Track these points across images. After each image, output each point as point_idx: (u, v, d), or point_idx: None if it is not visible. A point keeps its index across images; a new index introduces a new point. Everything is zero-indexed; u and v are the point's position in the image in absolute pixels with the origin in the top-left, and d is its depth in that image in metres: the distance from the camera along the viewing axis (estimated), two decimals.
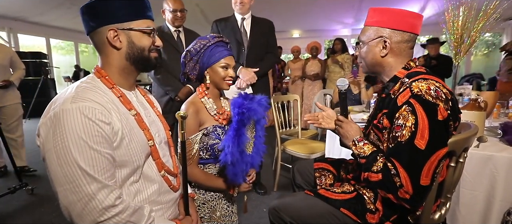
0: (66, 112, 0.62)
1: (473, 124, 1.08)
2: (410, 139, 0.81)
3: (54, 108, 0.64)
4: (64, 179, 0.62)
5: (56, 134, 0.62)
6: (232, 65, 1.11)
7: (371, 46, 0.97)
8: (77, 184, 0.61)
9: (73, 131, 0.62)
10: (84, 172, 0.62)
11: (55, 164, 0.62)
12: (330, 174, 1.25)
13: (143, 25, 0.75)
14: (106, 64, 0.76)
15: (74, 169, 0.61)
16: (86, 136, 0.62)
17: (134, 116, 0.76)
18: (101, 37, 0.73)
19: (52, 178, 0.64)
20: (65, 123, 0.62)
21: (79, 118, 0.62)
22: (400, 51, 0.96)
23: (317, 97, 3.18)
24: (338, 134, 1.11)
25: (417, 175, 0.80)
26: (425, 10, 6.18)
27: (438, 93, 0.82)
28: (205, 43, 1.08)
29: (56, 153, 0.62)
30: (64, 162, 0.61)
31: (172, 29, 1.95)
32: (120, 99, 0.75)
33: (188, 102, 1.11)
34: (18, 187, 2.22)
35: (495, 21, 1.91)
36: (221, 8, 6.25)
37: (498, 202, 1.21)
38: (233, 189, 1.14)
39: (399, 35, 0.94)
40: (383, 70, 1.00)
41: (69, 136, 0.61)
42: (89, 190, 0.62)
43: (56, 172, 0.62)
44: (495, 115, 1.92)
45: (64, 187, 0.62)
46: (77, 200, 0.62)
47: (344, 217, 0.97)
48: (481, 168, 1.24)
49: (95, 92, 0.70)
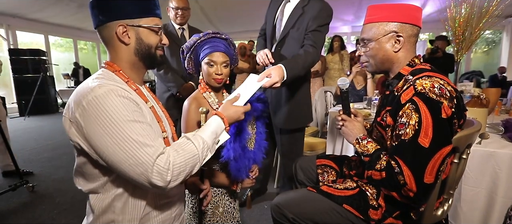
0: (101, 97, 0.64)
1: (476, 121, 1.08)
2: (413, 138, 0.81)
3: (84, 99, 0.64)
4: (125, 155, 0.63)
5: (101, 119, 0.63)
6: (220, 62, 1.06)
7: (382, 43, 0.94)
8: (138, 155, 0.63)
9: (116, 110, 0.64)
10: (140, 144, 0.64)
11: (112, 145, 0.63)
12: (332, 171, 1.25)
13: (152, 22, 0.76)
14: (116, 59, 0.77)
15: (131, 144, 0.63)
16: (128, 111, 0.65)
17: (150, 108, 0.78)
18: (110, 32, 0.73)
19: (113, 161, 0.64)
20: (105, 106, 0.63)
21: (115, 99, 0.65)
22: (411, 45, 0.95)
23: (318, 94, 3.17)
24: (341, 132, 1.10)
25: (421, 173, 0.80)
26: (426, 7, 6.16)
27: (442, 91, 0.81)
28: (196, 39, 1.08)
29: (110, 135, 0.63)
30: (119, 139, 0.63)
31: (176, 26, 1.99)
32: (136, 92, 0.76)
33: (191, 97, 1.11)
34: (18, 184, 2.22)
35: (497, 18, 1.91)
36: (220, 5, 6.26)
37: (500, 198, 1.21)
38: (237, 184, 1.14)
39: (409, 29, 0.93)
40: (392, 66, 0.98)
41: (115, 116, 0.63)
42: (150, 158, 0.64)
43: (116, 153, 0.64)
44: (496, 112, 1.92)
45: (128, 163, 0.64)
46: (143, 171, 0.64)
47: (347, 213, 0.97)
48: (483, 164, 1.24)
49: (115, 81, 0.72)
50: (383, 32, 0.94)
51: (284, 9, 1.54)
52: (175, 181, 0.66)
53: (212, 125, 0.78)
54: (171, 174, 0.65)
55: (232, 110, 0.85)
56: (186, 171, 0.68)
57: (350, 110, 1.10)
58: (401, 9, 0.93)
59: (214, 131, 0.77)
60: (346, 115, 1.09)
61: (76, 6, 6.08)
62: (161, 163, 0.64)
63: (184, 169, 0.67)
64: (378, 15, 0.95)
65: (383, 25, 0.94)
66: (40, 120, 5.83)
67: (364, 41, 0.99)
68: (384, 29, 0.93)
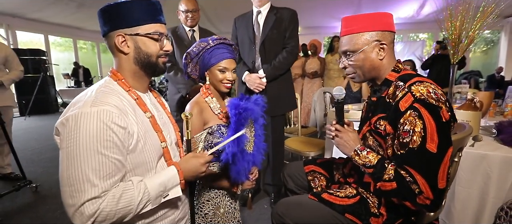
0: (84, 116, 0.65)
1: (468, 125, 1.12)
2: (421, 144, 0.81)
3: (73, 109, 0.67)
4: (67, 180, 0.64)
5: (70, 135, 0.64)
6: (231, 68, 1.11)
7: (367, 52, 0.94)
8: (75, 188, 0.63)
9: (86, 135, 0.64)
10: (86, 179, 0.63)
11: (64, 164, 0.65)
12: (321, 176, 1.25)
13: (151, 30, 0.75)
14: (119, 67, 0.78)
15: (78, 174, 0.63)
16: (97, 140, 0.64)
17: (149, 119, 0.78)
18: (111, 41, 0.75)
19: (60, 178, 0.66)
20: (81, 125, 0.64)
21: (95, 122, 0.64)
22: (392, 51, 0.97)
23: (317, 95, 3.21)
24: (335, 144, 1.05)
25: (435, 179, 0.80)
26: (425, 7, 6.19)
27: (438, 96, 0.83)
28: (204, 45, 1.10)
29: (66, 154, 0.64)
30: (71, 164, 0.64)
31: (187, 29, 2.01)
32: (136, 102, 0.77)
33: (192, 102, 1.14)
34: (22, 185, 2.25)
35: (493, 20, 1.92)
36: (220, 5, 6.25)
37: (491, 199, 1.25)
38: (237, 187, 1.17)
39: (389, 36, 0.95)
40: (379, 73, 0.98)
41: (81, 139, 0.63)
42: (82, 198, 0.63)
43: (62, 172, 0.65)
44: (491, 114, 1.96)
45: (64, 189, 0.64)
46: (72, 204, 0.63)
47: (349, 221, 0.97)
48: (475, 166, 1.28)
49: (114, 96, 0.72)
50: (367, 42, 0.94)
51: (258, 19, 1.87)
52: None
53: (163, 176, 0.74)
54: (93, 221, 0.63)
55: (192, 163, 0.80)
56: (113, 219, 0.66)
57: (344, 121, 1.06)
58: (378, 18, 0.94)
59: (163, 183, 0.73)
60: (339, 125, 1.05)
61: (76, 5, 6.08)
62: (90, 208, 0.63)
63: (112, 217, 0.66)
64: (357, 25, 0.94)
65: (365, 35, 0.94)
66: (40, 120, 5.86)
67: (348, 53, 0.98)
68: (367, 39, 0.94)
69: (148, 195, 0.70)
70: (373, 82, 1.03)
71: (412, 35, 8.96)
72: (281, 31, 1.82)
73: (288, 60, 1.84)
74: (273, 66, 1.81)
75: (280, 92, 1.91)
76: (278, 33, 1.82)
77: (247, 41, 1.88)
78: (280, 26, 1.81)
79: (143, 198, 0.69)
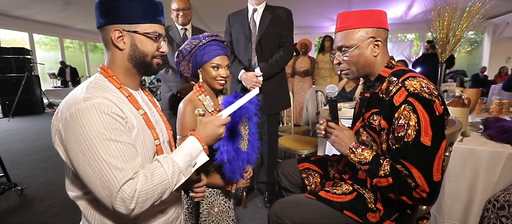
0: (82, 111, 0.63)
1: (458, 120, 1.15)
2: (416, 138, 0.81)
3: (68, 110, 0.65)
4: (93, 176, 0.63)
5: (77, 134, 0.63)
6: (224, 64, 1.10)
7: (362, 48, 0.95)
8: (106, 178, 0.62)
9: (93, 128, 0.63)
10: (110, 166, 0.63)
11: (82, 163, 0.63)
12: (315, 174, 1.25)
13: (150, 29, 0.74)
14: (112, 63, 0.76)
15: (101, 165, 0.62)
16: (106, 130, 0.63)
17: (142, 116, 0.77)
18: (107, 35, 0.72)
19: (84, 178, 0.64)
20: (84, 121, 0.63)
21: (96, 114, 0.64)
22: (385, 48, 0.98)
23: (309, 94, 3.23)
24: (330, 142, 1.05)
25: (430, 172, 0.81)
26: (412, 8, 6.33)
27: (431, 90, 0.84)
28: (196, 43, 1.09)
29: (82, 152, 0.63)
30: (91, 160, 0.63)
31: (179, 27, 2.00)
32: (128, 99, 0.75)
33: (185, 100, 1.13)
34: (6, 187, 2.17)
35: (479, 20, 1.99)
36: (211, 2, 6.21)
37: (480, 192, 1.29)
38: (231, 185, 1.17)
39: (383, 33, 0.96)
40: (372, 70, 0.99)
41: (90, 133, 0.62)
42: (117, 184, 0.62)
43: (85, 171, 0.63)
44: (477, 111, 2.02)
45: (94, 185, 0.63)
46: (109, 194, 0.63)
47: (347, 218, 0.97)
48: (464, 161, 1.31)
49: (105, 91, 0.70)
50: (362, 38, 0.94)
51: (254, 17, 1.87)
52: (140, 208, 0.65)
53: (186, 147, 0.74)
54: (136, 202, 0.63)
55: (209, 127, 0.78)
56: (154, 198, 0.66)
57: (338, 118, 1.06)
58: (373, 15, 0.95)
59: (188, 153, 0.73)
60: (334, 123, 1.04)
61: (62, 3, 5.90)
62: (127, 190, 0.62)
63: (152, 196, 0.66)
64: (352, 22, 0.95)
65: (360, 32, 0.94)
66: (25, 121, 5.65)
67: (343, 48, 0.98)
68: (362, 35, 0.94)
69: (178, 167, 0.70)
70: (366, 78, 1.04)
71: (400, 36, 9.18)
72: (278, 29, 1.84)
73: (284, 59, 1.87)
74: (270, 65, 1.82)
75: (276, 90, 1.93)
76: (275, 32, 1.83)
77: (243, 39, 1.87)
78: (277, 24, 1.83)
79: (175, 171, 0.70)
